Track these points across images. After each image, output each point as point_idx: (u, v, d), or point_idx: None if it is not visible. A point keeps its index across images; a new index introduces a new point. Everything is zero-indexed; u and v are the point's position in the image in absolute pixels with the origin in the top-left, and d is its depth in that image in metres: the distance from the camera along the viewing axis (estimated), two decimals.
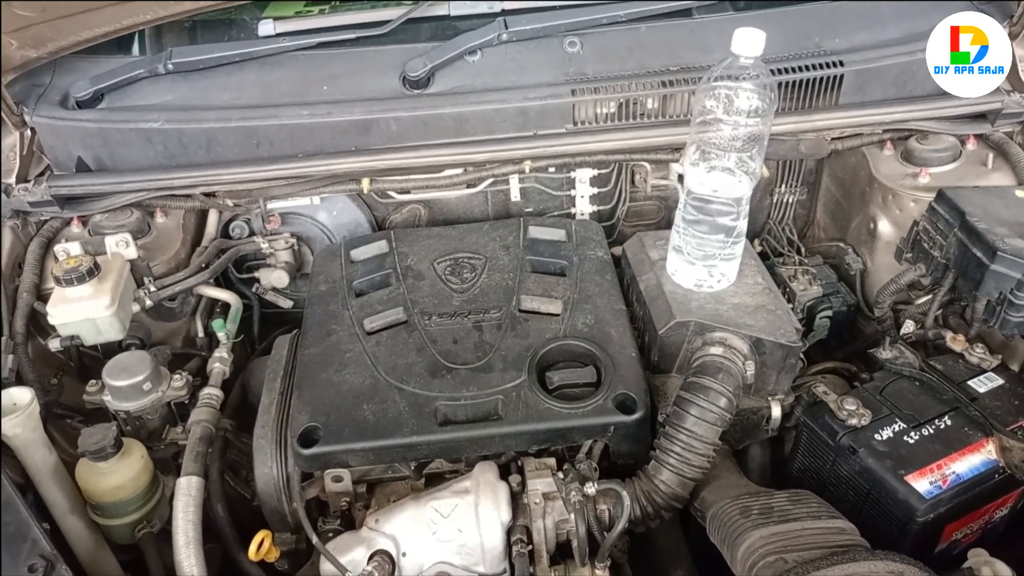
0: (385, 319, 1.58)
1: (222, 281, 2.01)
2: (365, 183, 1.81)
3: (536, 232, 1.78)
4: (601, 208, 2.12)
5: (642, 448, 1.42)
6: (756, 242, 2.11)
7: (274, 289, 1.94)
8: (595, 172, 2.03)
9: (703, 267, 1.52)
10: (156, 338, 1.76)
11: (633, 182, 2.10)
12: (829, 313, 1.89)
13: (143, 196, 1.70)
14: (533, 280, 1.64)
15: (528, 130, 1.69)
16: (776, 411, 1.50)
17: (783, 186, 2.15)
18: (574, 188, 2.07)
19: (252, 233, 1.97)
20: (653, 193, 2.10)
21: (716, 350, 1.43)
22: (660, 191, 2.10)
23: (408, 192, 1.98)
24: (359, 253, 1.77)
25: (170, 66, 1.71)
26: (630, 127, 1.77)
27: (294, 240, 1.97)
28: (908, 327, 1.72)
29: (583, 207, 2.10)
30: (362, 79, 1.74)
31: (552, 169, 1.96)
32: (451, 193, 2.02)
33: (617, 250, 2.08)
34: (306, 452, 1.35)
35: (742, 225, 1.50)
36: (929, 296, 1.74)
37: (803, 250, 2.03)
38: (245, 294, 1.99)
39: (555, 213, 2.11)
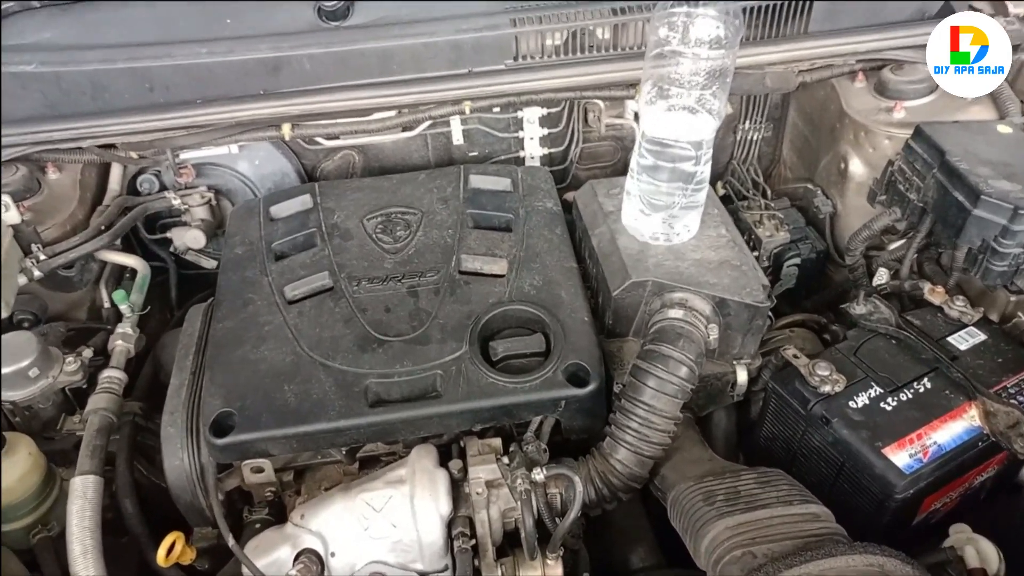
0: (308, 286, 1.42)
1: (134, 243, 1.82)
2: (286, 129, 1.61)
3: (478, 181, 1.60)
4: (552, 150, 1.95)
5: (597, 422, 1.30)
6: (719, 185, 1.96)
7: (190, 250, 1.75)
8: (544, 111, 1.86)
9: (661, 219, 1.37)
10: (54, 311, 1.57)
11: (586, 121, 1.94)
12: (797, 261, 1.76)
13: (18, 152, 1.47)
14: (475, 237, 1.48)
15: (463, 67, 1.49)
16: (742, 376, 1.37)
17: (747, 122, 1.99)
18: (522, 129, 1.90)
19: (163, 188, 1.77)
20: (608, 133, 1.93)
21: (676, 313, 1.29)
22: (616, 131, 1.93)
23: (337, 138, 1.78)
24: (279, 210, 1.58)
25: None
26: (579, 62, 1.57)
27: (211, 195, 1.77)
28: (881, 276, 1.60)
29: (532, 150, 1.93)
30: (272, 10, 1.51)
31: (497, 109, 1.78)
32: (386, 137, 1.83)
33: (571, 195, 1.94)
34: (219, 442, 1.20)
35: (704, 171, 1.35)
36: (903, 241, 1.62)
37: (769, 193, 1.89)
38: (160, 256, 1.80)
39: (502, 157, 1.94)
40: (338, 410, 1.22)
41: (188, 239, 1.71)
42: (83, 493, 1.18)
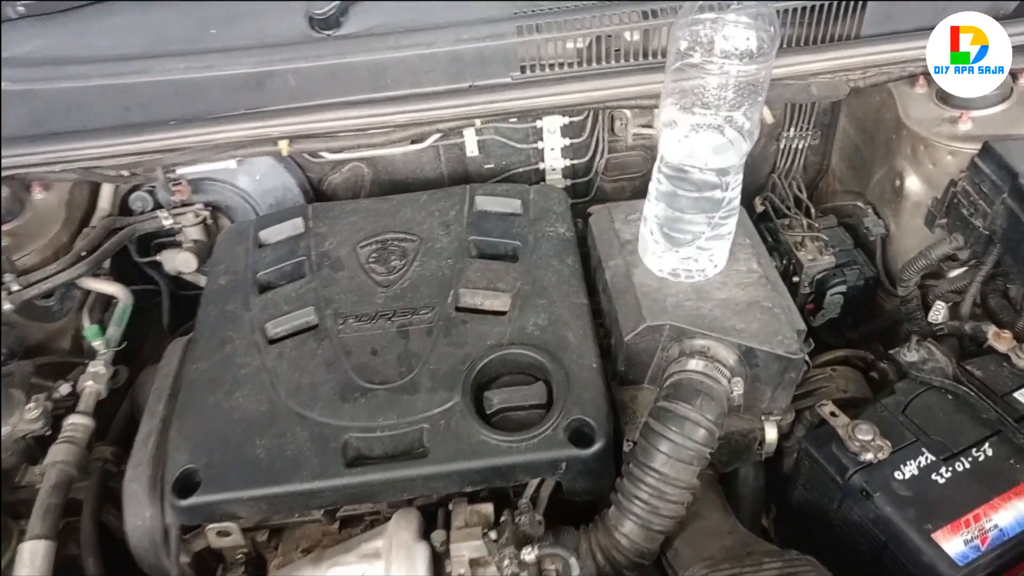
0: (291, 323, 1.30)
1: (130, 265, 1.72)
2: (283, 144, 1.49)
3: (484, 203, 1.46)
4: (575, 161, 1.80)
5: (604, 483, 1.15)
6: (757, 201, 1.78)
7: (182, 274, 1.64)
8: (566, 120, 1.71)
9: (681, 254, 1.20)
10: (34, 341, 1.48)
11: (612, 130, 1.78)
12: (843, 289, 1.58)
13: None
14: (476, 268, 1.34)
15: (463, 81, 1.33)
16: (771, 434, 1.21)
17: (792, 130, 1.81)
18: (541, 140, 1.75)
19: (158, 206, 1.66)
20: (636, 143, 1.77)
21: (695, 364, 1.13)
22: (645, 140, 1.77)
23: (342, 151, 1.66)
24: (269, 234, 1.46)
25: (20, 8, 1.36)
26: (597, 73, 1.39)
27: (206, 213, 1.66)
28: (939, 311, 1.41)
29: (553, 161, 1.79)
30: (262, 19, 1.37)
31: (514, 119, 1.63)
32: (395, 150, 1.70)
33: (594, 209, 1.80)
34: (183, 503, 1.09)
35: (734, 196, 1.18)
36: (965, 270, 1.43)
37: (813, 211, 1.70)
38: (154, 279, 1.71)
39: (520, 169, 1.79)
40: (312, 470, 1.10)
41: (179, 262, 1.61)
42: (30, 561, 1.08)
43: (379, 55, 1.30)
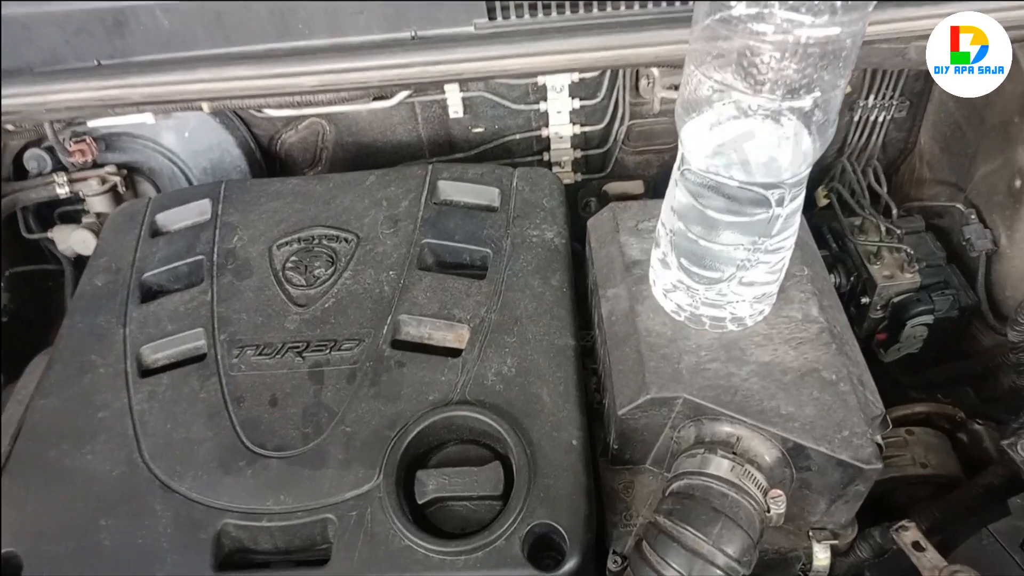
0: (174, 348, 0.97)
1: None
2: (204, 103, 1.13)
3: (450, 190, 1.10)
4: (587, 129, 1.44)
5: None
6: (820, 192, 1.39)
7: (78, 255, 1.32)
8: (575, 77, 1.33)
9: (705, 298, 0.83)
10: None
11: (637, 90, 1.39)
12: (929, 320, 1.20)
13: None
14: (427, 285, 0.99)
15: (403, 30, 0.93)
16: (822, 557, 0.85)
17: (871, 97, 1.40)
18: (545, 100, 1.38)
19: (59, 167, 1.33)
20: (666, 107, 1.38)
21: (717, 465, 0.77)
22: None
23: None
24: (169, 219, 1.12)
25: None
26: (608, 23, 0.97)
27: (117, 179, 1.33)
28: None
29: (560, 127, 1.43)
30: None
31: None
32: (359, 107, 1.34)
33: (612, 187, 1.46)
34: None
35: (791, 212, 0.79)
36: None
37: (894, 210, 1.30)
38: (55, 255, 1.39)
39: (517, 136, 1.43)
40: (169, 569, 0.81)
41: (74, 241, 1.28)
42: None
43: None
